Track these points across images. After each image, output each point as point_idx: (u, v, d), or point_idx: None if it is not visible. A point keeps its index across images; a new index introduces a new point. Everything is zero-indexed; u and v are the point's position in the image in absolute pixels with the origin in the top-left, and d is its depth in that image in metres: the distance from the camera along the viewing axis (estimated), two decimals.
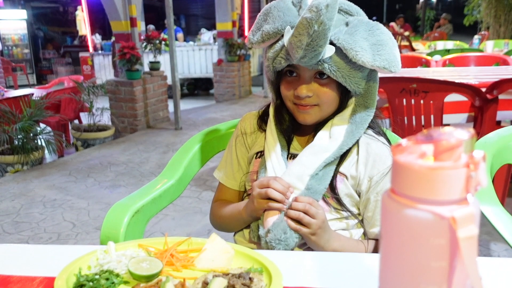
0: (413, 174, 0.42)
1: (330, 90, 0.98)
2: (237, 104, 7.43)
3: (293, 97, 1.00)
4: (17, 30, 12.35)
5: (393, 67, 0.90)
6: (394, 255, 0.46)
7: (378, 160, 1.00)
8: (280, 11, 0.94)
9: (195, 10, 16.38)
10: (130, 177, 3.91)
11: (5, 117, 4.27)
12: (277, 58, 0.96)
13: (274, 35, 0.94)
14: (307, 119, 1.01)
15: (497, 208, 1.05)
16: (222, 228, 1.17)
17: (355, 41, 0.88)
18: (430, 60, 4.45)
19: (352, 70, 0.94)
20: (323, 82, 0.97)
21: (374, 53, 0.88)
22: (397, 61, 0.91)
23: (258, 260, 0.76)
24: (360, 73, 0.95)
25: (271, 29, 0.93)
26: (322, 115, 1.01)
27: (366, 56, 0.88)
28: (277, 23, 0.93)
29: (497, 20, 9.06)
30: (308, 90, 0.97)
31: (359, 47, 0.88)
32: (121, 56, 5.28)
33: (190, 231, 2.80)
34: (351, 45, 0.88)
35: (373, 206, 1.00)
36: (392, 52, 0.90)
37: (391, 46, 0.91)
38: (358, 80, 0.96)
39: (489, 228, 1.04)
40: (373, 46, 0.89)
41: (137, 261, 0.74)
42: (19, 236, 2.84)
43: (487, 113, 2.38)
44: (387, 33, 0.92)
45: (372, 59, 0.88)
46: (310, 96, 0.98)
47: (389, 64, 0.89)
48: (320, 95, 0.98)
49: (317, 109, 1.00)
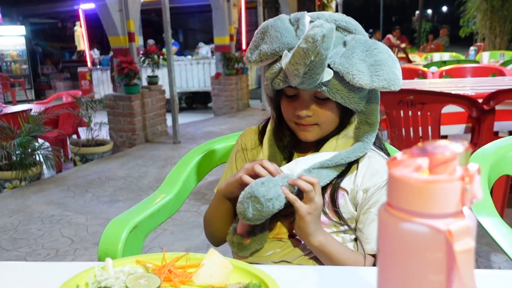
0: (409, 188, 0.42)
1: (330, 109, 0.98)
2: (236, 117, 7.45)
3: (293, 117, 1.00)
4: (16, 46, 12.40)
5: (392, 86, 0.89)
6: (392, 269, 0.46)
7: (375, 174, 1.00)
8: (277, 31, 0.93)
9: (193, 24, 16.51)
10: (128, 192, 3.90)
11: (3, 132, 4.27)
12: (276, 80, 0.96)
13: (271, 56, 0.94)
14: (308, 137, 1.02)
15: (495, 220, 1.05)
16: (210, 228, 1.16)
17: (351, 65, 0.88)
18: (426, 71, 4.47)
19: (350, 92, 0.94)
20: (323, 102, 0.98)
21: (372, 74, 0.88)
22: (397, 79, 0.90)
23: (257, 275, 0.76)
24: (359, 93, 0.95)
25: (269, 50, 0.93)
26: (323, 133, 1.02)
27: (364, 78, 0.88)
28: (275, 44, 0.92)
29: (492, 31, 9.14)
30: (308, 110, 0.98)
31: (356, 70, 0.88)
32: (119, 71, 5.30)
33: (189, 245, 2.79)
34: (348, 69, 0.88)
35: (368, 219, 1.00)
36: (392, 71, 0.90)
37: (391, 64, 0.90)
38: (357, 100, 0.96)
39: (489, 239, 1.04)
40: (371, 67, 0.89)
41: (135, 278, 0.74)
42: (17, 253, 2.82)
43: (484, 124, 2.39)
44: (386, 51, 0.91)
45: (370, 80, 0.88)
46: (310, 116, 0.98)
47: (389, 83, 0.89)
48: (320, 115, 0.98)
49: (317, 127, 1.00)
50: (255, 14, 8.91)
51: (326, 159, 0.98)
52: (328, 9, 13.10)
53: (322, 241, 0.94)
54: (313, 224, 0.92)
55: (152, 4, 10.41)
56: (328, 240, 0.95)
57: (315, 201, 0.90)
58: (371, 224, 0.99)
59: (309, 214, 0.91)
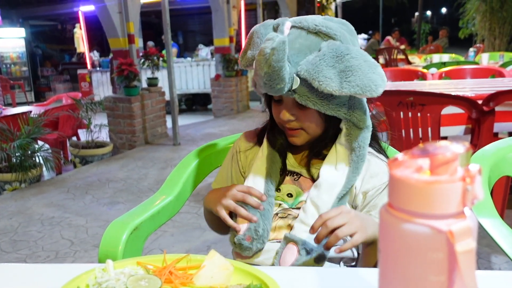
0: (410, 188, 0.42)
1: (310, 115, 0.98)
2: (235, 119, 7.45)
3: (280, 120, 1.02)
4: (16, 48, 12.42)
5: (368, 92, 0.86)
6: (393, 270, 0.46)
7: (374, 176, 1.00)
8: (259, 37, 0.96)
9: (193, 26, 16.53)
10: (128, 194, 3.89)
11: (3, 135, 4.27)
12: (257, 85, 0.98)
13: (253, 61, 0.96)
14: (296, 141, 1.03)
15: (496, 221, 1.05)
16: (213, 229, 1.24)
17: (318, 71, 0.87)
18: (426, 73, 4.47)
19: (323, 99, 0.93)
20: (303, 107, 0.97)
21: (341, 81, 0.86)
22: (374, 84, 0.86)
23: (258, 277, 0.76)
24: (334, 99, 0.94)
25: (250, 56, 0.98)
26: (310, 138, 1.02)
27: (332, 85, 0.86)
28: (255, 50, 0.96)
29: (491, 33, 9.15)
30: (290, 115, 0.99)
31: (322, 77, 0.87)
32: (119, 73, 5.30)
33: (189, 247, 2.78)
34: (313, 75, 0.87)
35: None
36: (367, 76, 0.86)
37: (365, 70, 0.86)
38: (334, 107, 0.95)
39: (490, 240, 1.03)
40: (341, 73, 0.86)
41: (136, 279, 0.74)
42: (16, 255, 2.82)
43: (484, 125, 2.39)
44: (361, 56, 0.88)
45: (339, 87, 0.86)
46: (293, 120, 0.99)
47: (362, 89, 0.86)
48: (302, 120, 0.99)
49: (303, 132, 1.01)
50: (254, 16, 8.93)
51: (339, 192, 0.98)
52: (328, 10, 13.11)
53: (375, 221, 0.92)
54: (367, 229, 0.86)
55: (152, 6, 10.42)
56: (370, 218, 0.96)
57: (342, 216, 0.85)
58: None
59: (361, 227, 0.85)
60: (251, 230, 0.98)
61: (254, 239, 0.98)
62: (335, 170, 1.00)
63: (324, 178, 0.99)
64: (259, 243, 0.99)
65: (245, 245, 0.99)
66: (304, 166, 1.06)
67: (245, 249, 0.99)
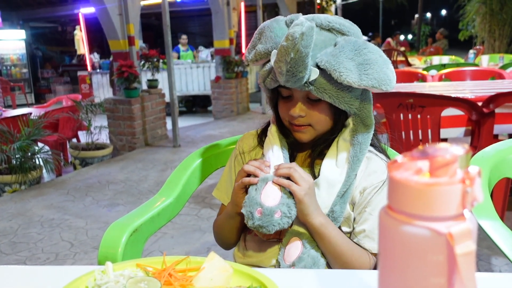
0: (409, 191, 0.42)
1: (322, 110, 0.99)
2: (235, 121, 7.45)
3: (288, 117, 1.01)
4: (16, 50, 12.43)
5: (383, 86, 0.89)
6: (393, 272, 0.46)
7: (373, 174, 1.01)
8: (272, 31, 0.96)
9: (193, 28, 16.53)
10: (128, 196, 3.89)
11: (3, 136, 4.27)
12: (267, 79, 0.99)
13: (265, 55, 0.97)
14: (302, 138, 1.03)
15: (496, 223, 1.05)
16: (221, 238, 1.17)
17: (339, 62, 0.89)
18: (426, 75, 4.48)
19: (339, 91, 0.94)
20: (314, 103, 0.98)
21: (360, 73, 0.88)
22: (388, 79, 0.89)
23: (257, 279, 0.75)
24: (349, 93, 0.95)
25: (263, 50, 0.96)
26: (317, 134, 1.03)
27: (352, 76, 0.88)
28: (268, 44, 0.96)
29: (491, 35, 9.16)
30: (300, 110, 0.99)
31: (343, 68, 0.88)
32: (119, 75, 5.31)
33: (189, 249, 2.78)
34: (335, 66, 0.89)
35: (362, 218, 1.00)
36: (383, 71, 0.89)
37: (381, 64, 0.90)
38: (349, 100, 0.96)
39: (490, 242, 1.03)
40: (359, 66, 0.89)
41: (135, 281, 0.74)
42: (16, 257, 2.81)
43: (484, 127, 2.39)
44: (377, 51, 0.91)
45: (358, 78, 0.88)
46: (303, 116, 0.99)
47: (379, 82, 0.89)
48: (312, 116, 0.99)
49: (311, 129, 1.01)
50: (254, 18, 8.93)
51: (339, 190, 0.98)
52: (328, 13, 13.13)
53: (322, 221, 0.95)
54: (312, 204, 0.94)
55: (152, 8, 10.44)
56: (329, 223, 0.96)
57: (305, 179, 0.92)
58: (364, 223, 0.99)
59: (306, 195, 0.92)
60: (284, 206, 0.92)
61: (285, 216, 0.92)
62: (336, 166, 1.00)
63: (324, 176, 1.00)
64: (287, 222, 0.93)
65: (274, 219, 0.91)
66: (307, 166, 1.06)
67: (272, 223, 0.91)
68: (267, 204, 0.92)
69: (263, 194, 0.94)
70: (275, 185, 0.94)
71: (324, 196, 0.99)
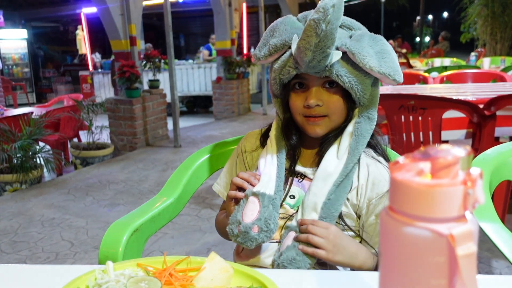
0: (411, 192, 0.42)
1: (339, 98, 0.98)
2: (236, 122, 7.45)
3: (302, 109, 1.00)
4: (18, 49, 12.46)
5: (397, 76, 0.92)
6: (394, 273, 0.46)
7: (377, 184, 1.00)
8: (286, 25, 0.98)
9: (194, 28, 16.55)
10: (129, 196, 3.89)
11: (4, 135, 4.27)
12: (285, 68, 0.97)
13: (281, 47, 0.96)
14: (317, 131, 1.01)
15: (497, 225, 1.05)
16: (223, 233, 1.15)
17: (361, 47, 0.91)
18: (427, 77, 4.48)
19: (359, 76, 0.94)
20: (332, 90, 0.98)
21: (380, 60, 0.91)
22: (400, 71, 0.93)
23: (258, 279, 0.75)
24: (367, 79, 0.96)
25: (279, 42, 0.96)
26: (332, 126, 1.01)
27: (373, 61, 0.90)
28: (284, 35, 0.96)
29: (493, 37, 9.16)
30: (318, 99, 0.97)
31: (366, 52, 0.90)
32: (121, 75, 5.31)
33: (189, 249, 2.78)
34: (358, 49, 0.90)
35: (372, 228, 1.00)
36: (395, 63, 0.93)
37: (394, 57, 0.94)
38: (364, 88, 0.96)
39: (490, 245, 1.03)
40: (378, 53, 0.92)
41: (136, 281, 0.74)
42: (16, 256, 2.82)
43: (485, 129, 2.39)
44: (389, 45, 0.96)
45: (378, 64, 0.90)
46: (320, 106, 0.98)
47: (394, 72, 0.91)
48: (330, 104, 0.98)
49: (327, 120, 1.00)
50: (256, 19, 8.92)
51: (336, 179, 0.97)
52: None
53: (361, 260, 0.95)
54: (346, 254, 0.93)
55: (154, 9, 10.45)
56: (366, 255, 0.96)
57: (322, 242, 0.91)
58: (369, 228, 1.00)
59: (336, 254, 0.91)
60: (261, 221, 0.94)
61: (262, 230, 0.93)
62: (337, 158, 1.00)
63: (323, 167, 0.99)
64: (266, 236, 0.94)
65: (251, 235, 0.93)
66: (311, 166, 1.05)
67: (249, 239, 0.93)
68: (245, 220, 0.94)
69: (246, 209, 0.96)
70: (256, 198, 0.96)
71: (321, 185, 0.98)
